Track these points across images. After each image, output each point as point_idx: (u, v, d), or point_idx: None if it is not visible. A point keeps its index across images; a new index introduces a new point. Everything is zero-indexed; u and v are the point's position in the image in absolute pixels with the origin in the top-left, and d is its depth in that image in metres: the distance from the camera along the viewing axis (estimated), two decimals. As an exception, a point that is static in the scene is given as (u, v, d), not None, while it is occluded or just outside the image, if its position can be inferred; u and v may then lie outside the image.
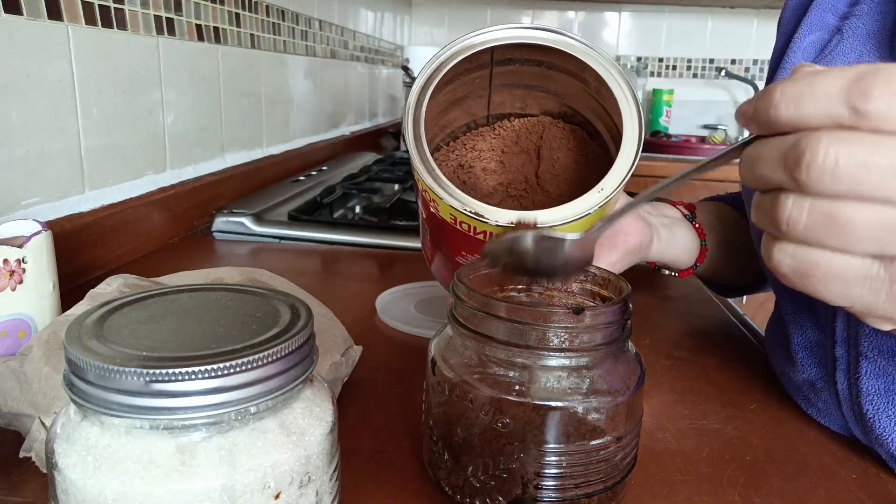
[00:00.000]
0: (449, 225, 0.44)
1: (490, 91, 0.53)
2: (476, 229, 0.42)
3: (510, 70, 0.50)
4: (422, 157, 0.43)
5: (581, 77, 0.48)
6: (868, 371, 0.43)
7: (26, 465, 0.38)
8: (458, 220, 0.42)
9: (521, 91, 0.53)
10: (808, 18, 0.51)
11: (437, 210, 0.43)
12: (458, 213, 0.41)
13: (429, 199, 0.44)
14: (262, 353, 0.24)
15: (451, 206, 0.41)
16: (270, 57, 1.21)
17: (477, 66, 0.49)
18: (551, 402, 0.33)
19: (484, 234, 0.42)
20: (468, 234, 0.43)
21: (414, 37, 2.51)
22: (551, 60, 0.48)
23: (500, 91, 0.53)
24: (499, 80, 0.52)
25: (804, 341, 0.49)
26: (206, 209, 0.96)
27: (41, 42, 0.65)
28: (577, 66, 0.46)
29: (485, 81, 0.51)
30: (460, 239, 0.44)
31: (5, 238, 0.49)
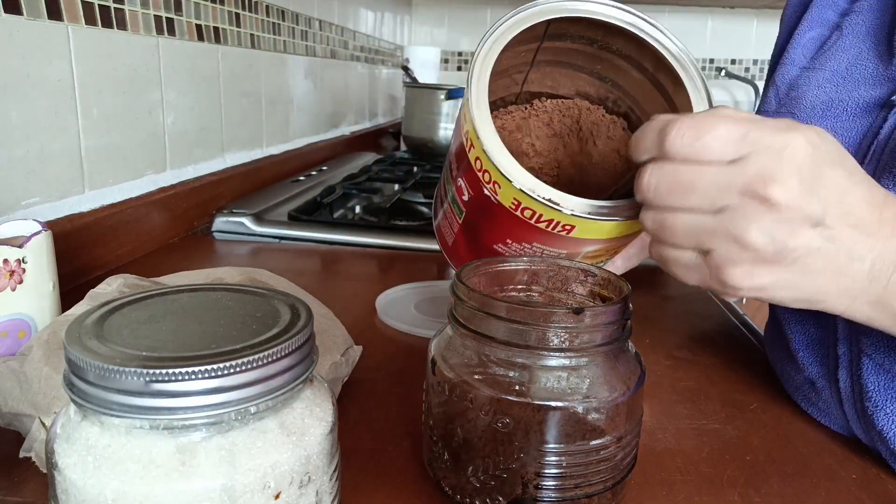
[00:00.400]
0: (504, 210, 0.41)
1: (531, 67, 0.50)
2: (542, 216, 0.40)
3: (558, 46, 0.48)
4: (490, 137, 0.41)
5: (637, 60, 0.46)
6: (870, 368, 0.43)
7: (26, 465, 0.38)
8: (523, 205, 0.40)
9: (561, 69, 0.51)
10: (808, 15, 0.51)
11: (496, 192, 0.41)
12: (528, 198, 0.39)
13: (487, 181, 0.41)
14: (262, 353, 0.24)
15: (523, 189, 0.39)
16: (270, 57, 1.21)
17: (529, 38, 0.46)
18: (551, 402, 0.33)
19: (549, 223, 0.40)
20: (527, 221, 0.41)
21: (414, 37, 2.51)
22: (606, 40, 0.46)
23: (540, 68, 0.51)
24: (544, 56, 0.49)
25: (805, 340, 0.49)
26: (206, 209, 0.96)
27: (41, 42, 0.65)
28: (635, 48, 0.44)
29: (529, 56, 0.49)
30: (513, 225, 0.42)
31: (5, 238, 0.49)
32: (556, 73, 0.51)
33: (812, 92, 0.48)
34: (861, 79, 0.46)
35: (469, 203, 0.45)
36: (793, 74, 0.51)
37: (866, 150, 0.44)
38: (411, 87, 1.60)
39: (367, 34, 1.86)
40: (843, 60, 0.48)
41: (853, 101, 0.46)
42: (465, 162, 0.44)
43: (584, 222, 0.40)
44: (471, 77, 0.43)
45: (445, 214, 0.51)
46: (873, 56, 0.46)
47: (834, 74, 0.48)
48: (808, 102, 0.48)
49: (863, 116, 0.45)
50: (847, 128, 0.45)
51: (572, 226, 0.41)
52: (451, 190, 0.48)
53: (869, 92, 0.45)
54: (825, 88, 0.48)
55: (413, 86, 1.62)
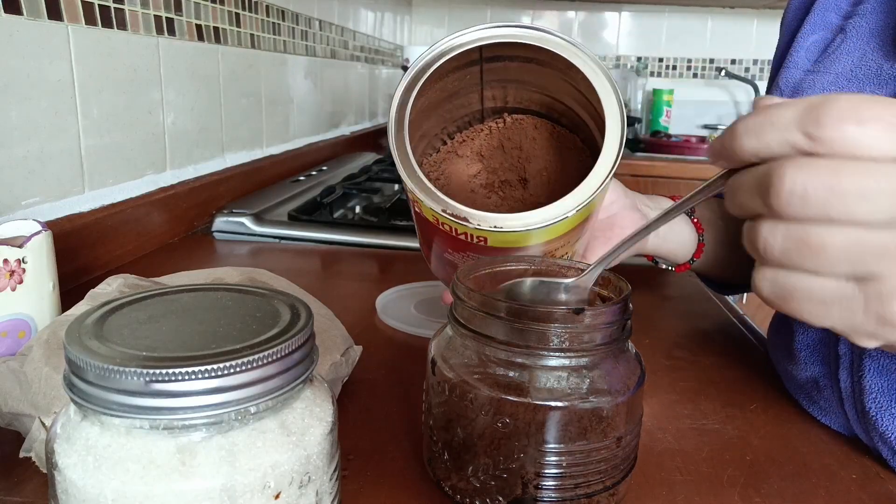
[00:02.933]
0: (432, 224, 0.44)
1: (482, 86, 0.53)
2: (457, 230, 0.42)
3: (500, 66, 0.50)
4: (403, 160, 0.43)
5: (567, 74, 0.48)
6: (871, 369, 0.43)
7: (26, 465, 0.38)
8: (440, 220, 0.42)
9: (514, 87, 0.53)
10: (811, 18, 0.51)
11: (421, 210, 0.44)
12: (439, 214, 0.42)
13: (413, 199, 0.44)
14: (262, 353, 0.24)
15: (432, 208, 0.42)
16: (270, 57, 1.21)
17: (467, 63, 0.49)
18: (551, 402, 0.33)
19: (465, 235, 0.42)
20: (449, 234, 0.43)
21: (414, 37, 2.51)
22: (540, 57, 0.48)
23: (493, 86, 0.53)
24: (490, 76, 0.52)
25: (807, 339, 0.49)
26: (206, 209, 0.96)
27: (41, 42, 0.65)
28: (562, 63, 0.46)
29: (476, 77, 0.51)
30: (444, 237, 0.44)
31: (5, 238, 0.49)
32: (509, 89, 0.53)
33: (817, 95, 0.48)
34: (866, 79, 0.46)
35: (416, 219, 0.48)
36: (797, 78, 0.51)
37: None
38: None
39: (367, 34, 1.86)
40: (848, 63, 0.48)
41: None
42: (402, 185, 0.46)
43: (492, 234, 0.41)
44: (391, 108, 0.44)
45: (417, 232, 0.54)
46: (878, 56, 0.46)
47: (839, 77, 0.48)
48: None
49: None
50: None
51: (484, 237, 0.42)
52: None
53: (874, 91, 0.45)
54: (830, 91, 0.48)
55: (413, 86, 1.62)
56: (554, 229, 0.41)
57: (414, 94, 0.44)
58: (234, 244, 0.90)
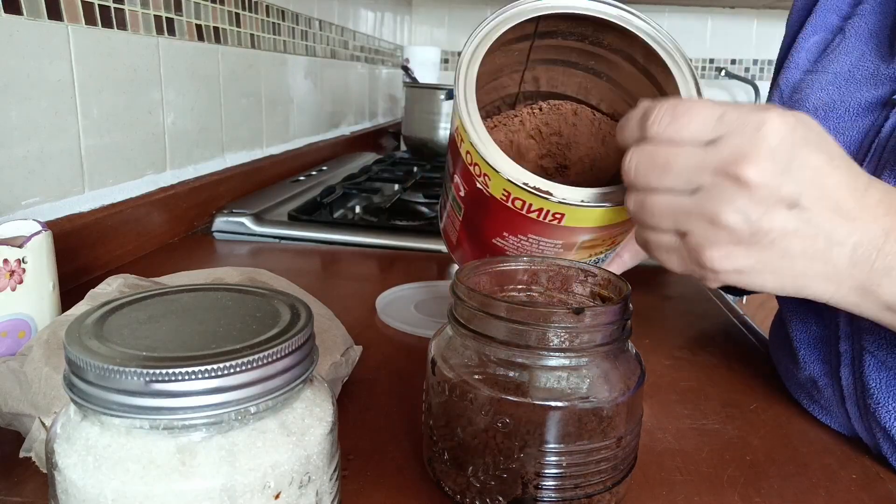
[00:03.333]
0: (496, 202, 0.42)
1: (525, 66, 0.51)
2: (532, 206, 0.41)
3: (551, 44, 0.49)
4: (477, 130, 0.41)
5: (628, 53, 0.46)
6: (872, 366, 0.43)
7: (26, 465, 0.38)
8: (513, 195, 0.41)
9: (560, 68, 0.51)
10: (812, 19, 0.52)
11: (487, 185, 0.42)
12: (519, 188, 0.40)
13: (478, 174, 0.42)
14: (262, 353, 0.24)
15: (510, 179, 0.40)
16: (270, 57, 1.21)
17: (519, 37, 0.47)
18: (551, 402, 0.33)
19: (539, 212, 0.41)
20: (518, 212, 0.42)
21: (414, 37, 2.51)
22: (597, 35, 0.47)
23: (536, 67, 0.51)
24: (537, 55, 0.50)
25: (807, 338, 0.49)
26: (206, 209, 0.96)
27: (41, 42, 0.65)
28: (625, 41, 0.45)
29: (523, 55, 0.50)
30: (507, 217, 0.43)
31: (5, 238, 0.49)
32: (553, 71, 0.52)
33: (815, 94, 0.49)
34: (863, 79, 0.46)
35: (466, 199, 0.46)
36: (796, 78, 0.51)
37: (867, 148, 0.44)
38: (411, 87, 1.60)
39: (367, 34, 1.86)
40: (846, 62, 0.48)
41: (855, 102, 0.46)
42: (458, 157, 0.44)
43: (573, 210, 0.41)
44: (458, 73, 0.43)
45: (448, 215, 0.52)
46: (875, 57, 0.47)
47: (836, 76, 0.48)
48: (812, 104, 0.48)
49: (864, 116, 0.45)
50: (849, 127, 0.46)
51: (562, 214, 0.41)
52: (450, 189, 0.49)
53: (871, 92, 0.45)
54: (828, 90, 0.48)
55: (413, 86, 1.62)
56: (621, 211, 0.41)
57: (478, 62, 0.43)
58: (234, 244, 0.90)
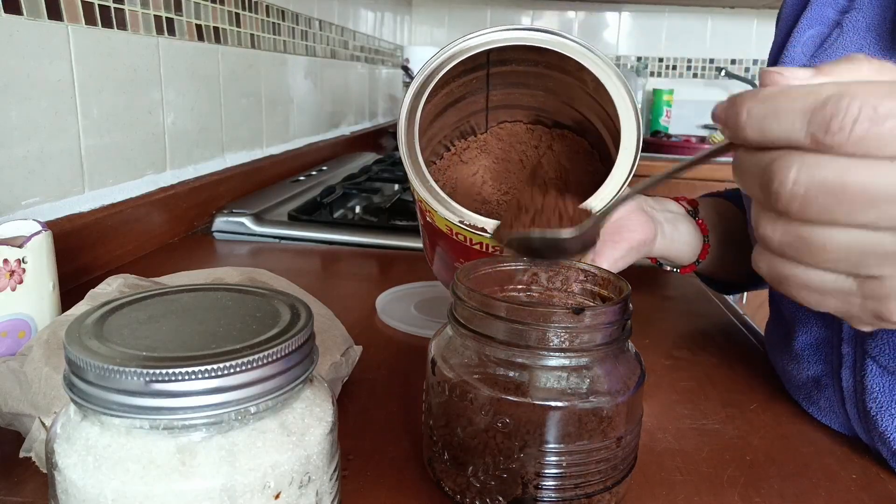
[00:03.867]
0: (444, 234, 0.43)
1: (488, 91, 0.52)
2: (472, 240, 0.42)
3: (507, 70, 0.50)
4: (415, 168, 0.43)
5: (579, 77, 0.47)
6: (874, 370, 0.43)
7: (26, 465, 0.38)
8: (454, 231, 0.42)
9: (520, 90, 0.53)
10: (807, 13, 0.51)
11: (433, 220, 0.43)
12: (455, 225, 0.41)
13: (424, 210, 0.43)
14: (262, 353, 0.24)
15: (447, 218, 0.41)
16: (270, 57, 1.21)
17: (473, 68, 0.49)
18: (551, 402, 0.33)
19: (480, 245, 0.42)
20: (464, 244, 0.43)
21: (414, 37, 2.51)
22: (548, 60, 0.48)
23: (498, 90, 0.53)
24: (497, 80, 0.51)
25: (809, 339, 0.49)
26: (206, 209, 0.96)
27: (41, 42, 0.65)
28: (573, 66, 0.45)
29: (481, 82, 0.51)
30: (457, 247, 0.44)
31: (5, 238, 0.49)
32: (516, 93, 0.53)
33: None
34: None
35: (426, 227, 0.48)
36: None
37: None
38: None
39: (367, 34, 1.86)
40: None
41: None
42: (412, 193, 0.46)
43: None
44: (401, 111, 0.44)
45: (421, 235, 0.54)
46: (875, 51, 0.46)
47: None
48: None
49: None
50: None
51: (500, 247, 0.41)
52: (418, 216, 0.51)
53: None
54: None
55: (413, 86, 1.62)
56: None
57: (423, 101, 0.44)
58: (234, 244, 0.90)
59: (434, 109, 0.49)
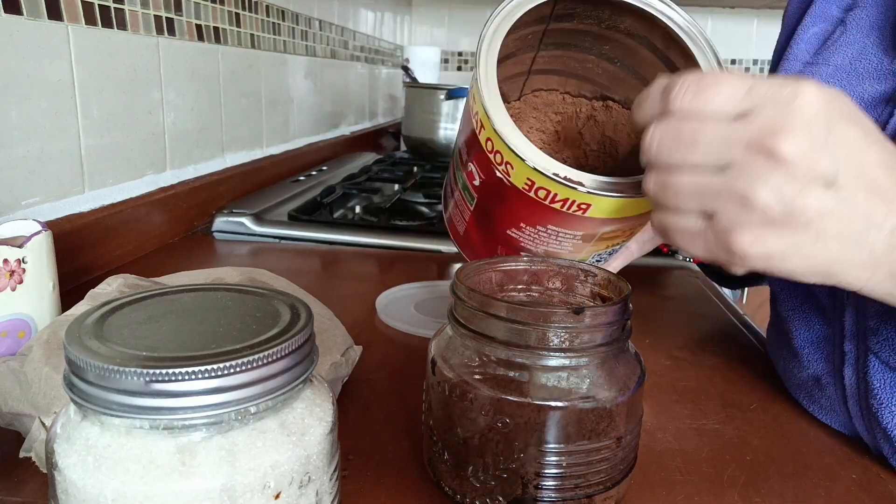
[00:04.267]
0: (517, 191, 0.41)
1: (538, 51, 0.49)
2: (557, 196, 0.39)
3: (566, 28, 0.47)
4: (501, 118, 0.40)
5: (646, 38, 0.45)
6: (876, 366, 0.43)
7: (26, 465, 0.38)
8: (538, 185, 0.39)
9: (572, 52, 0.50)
10: (812, 10, 0.51)
11: (508, 173, 0.40)
12: (543, 176, 0.38)
13: (499, 162, 0.40)
14: (262, 353, 0.24)
15: (537, 168, 0.38)
16: (270, 57, 1.21)
17: (535, 20, 0.45)
18: (551, 402, 0.33)
19: (564, 203, 0.40)
20: (541, 202, 0.40)
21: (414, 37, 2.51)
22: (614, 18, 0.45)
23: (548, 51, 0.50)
24: (550, 39, 0.48)
25: (811, 337, 0.49)
26: (206, 209, 0.96)
27: (41, 42, 0.65)
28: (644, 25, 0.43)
29: (535, 39, 0.48)
30: (526, 207, 0.41)
31: (5, 238, 0.49)
32: (564, 56, 0.50)
33: None
34: (865, 73, 0.46)
35: (480, 187, 0.45)
36: (796, 70, 0.51)
37: None
38: (411, 87, 1.60)
39: (367, 34, 1.86)
40: (847, 55, 0.47)
41: (858, 96, 0.46)
42: (477, 145, 0.43)
43: (600, 200, 0.39)
44: (478, 58, 0.41)
45: (456, 204, 0.50)
46: (878, 50, 0.46)
47: (838, 70, 0.47)
48: None
49: (868, 111, 0.45)
50: None
51: (588, 204, 0.40)
52: (461, 178, 0.47)
53: (874, 86, 0.45)
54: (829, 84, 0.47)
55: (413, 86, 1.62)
56: (646, 202, 0.39)
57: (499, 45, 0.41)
58: (234, 244, 0.90)
59: None
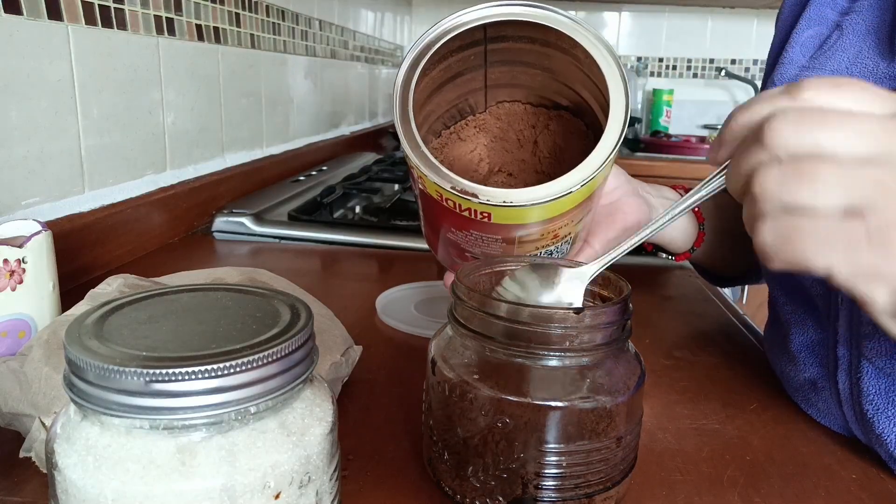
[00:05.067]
0: (435, 200, 0.43)
1: (486, 68, 0.52)
2: (461, 206, 0.42)
3: (506, 47, 0.50)
4: (408, 136, 0.43)
5: (573, 54, 0.47)
6: (870, 372, 0.43)
7: (26, 465, 0.38)
8: (444, 196, 0.42)
9: (520, 68, 0.52)
10: (807, 13, 0.51)
11: (424, 186, 0.43)
12: (445, 191, 0.41)
13: (417, 176, 0.43)
14: (262, 353, 0.24)
15: (438, 184, 0.41)
16: (270, 57, 1.21)
17: (470, 44, 0.48)
18: (551, 402, 0.33)
19: (469, 211, 0.42)
20: (453, 211, 0.43)
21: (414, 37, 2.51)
22: (545, 37, 0.47)
23: (497, 68, 0.52)
24: (495, 57, 0.51)
25: (805, 341, 0.49)
26: (206, 209, 0.96)
27: (41, 42, 0.65)
28: (568, 42, 0.45)
29: (480, 58, 0.50)
30: (447, 215, 0.44)
31: (5, 238, 0.49)
32: (514, 71, 0.53)
33: None
34: (861, 77, 0.46)
35: (419, 196, 0.47)
36: (792, 74, 0.51)
37: None
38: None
39: (367, 34, 1.86)
40: (844, 59, 0.47)
41: None
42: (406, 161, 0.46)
43: (497, 209, 0.41)
44: (396, 78, 0.44)
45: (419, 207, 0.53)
46: (874, 55, 0.46)
47: (834, 73, 0.47)
48: None
49: None
50: None
51: (488, 213, 0.41)
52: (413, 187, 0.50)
53: None
54: None
55: (413, 86, 1.62)
56: (558, 205, 0.41)
57: (418, 72, 0.44)
58: (234, 244, 0.90)
59: (431, 84, 0.49)
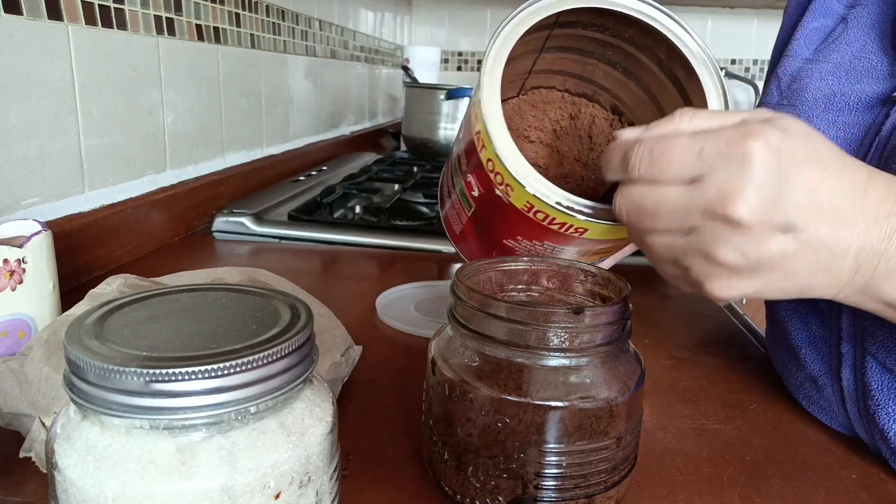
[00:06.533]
0: (515, 210, 0.41)
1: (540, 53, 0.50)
2: (555, 220, 0.40)
3: (570, 33, 0.48)
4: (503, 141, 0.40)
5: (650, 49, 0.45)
6: (874, 367, 0.43)
7: (26, 465, 0.38)
8: (536, 209, 0.40)
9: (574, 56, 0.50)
10: (813, 5, 0.51)
11: (508, 194, 0.41)
12: (542, 203, 0.39)
13: (499, 182, 0.41)
14: (262, 353, 0.24)
15: (536, 195, 0.39)
16: (270, 57, 1.21)
17: (539, 27, 0.45)
18: (551, 402, 0.33)
19: (562, 226, 0.41)
20: (539, 223, 0.41)
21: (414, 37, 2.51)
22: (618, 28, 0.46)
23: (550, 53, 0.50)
24: (554, 43, 0.49)
25: (808, 337, 0.48)
26: (206, 209, 0.96)
27: (41, 42, 0.65)
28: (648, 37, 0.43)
29: (538, 43, 0.48)
30: (524, 224, 0.42)
31: (5, 238, 0.49)
32: (567, 58, 0.51)
33: (814, 84, 0.48)
34: (864, 72, 0.46)
35: (479, 199, 0.45)
36: (796, 66, 0.51)
37: (868, 146, 0.44)
38: (411, 87, 1.60)
39: (367, 34, 1.86)
40: (847, 53, 0.47)
41: (855, 95, 0.45)
42: (476, 160, 0.43)
43: (598, 226, 0.41)
44: (482, 76, 0.42)
45: (453, 205, 0.51)
46: (877, 50, 0.46)
47: (837, 67, 0.47)
48: (811, 95, 0.47)
49: (865, 112, 0.45)
50: (849, 123, 0.45)
51: (586, 229, 0.41)
52: (459, 183, 0.48)
53: (871, 86, 0.45)
54: (828, 81, 0.47)
55: (413, 86, 1.62)
56: None
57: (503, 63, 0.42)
58: (234, 244, 0.90)
59: None
